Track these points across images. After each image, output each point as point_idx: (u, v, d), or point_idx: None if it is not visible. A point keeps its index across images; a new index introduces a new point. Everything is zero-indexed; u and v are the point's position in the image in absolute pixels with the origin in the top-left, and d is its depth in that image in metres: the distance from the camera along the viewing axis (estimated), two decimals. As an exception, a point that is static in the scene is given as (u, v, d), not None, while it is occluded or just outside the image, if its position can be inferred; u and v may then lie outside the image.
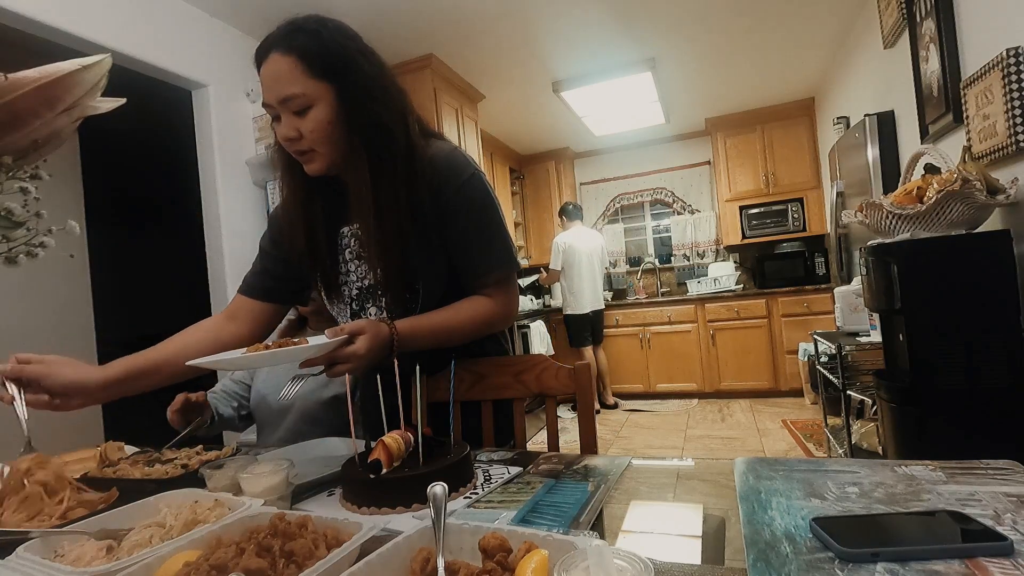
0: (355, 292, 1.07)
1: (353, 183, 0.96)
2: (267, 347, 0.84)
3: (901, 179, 1.82)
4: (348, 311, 1.09)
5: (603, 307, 4.81)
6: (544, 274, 4.91)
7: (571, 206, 4.78)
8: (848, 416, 2.31)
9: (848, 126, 3.45)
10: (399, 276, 0.98)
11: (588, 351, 4.62)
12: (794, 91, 4.50)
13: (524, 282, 5.32)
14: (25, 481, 0.74)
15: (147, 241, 3.78)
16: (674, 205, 5.54)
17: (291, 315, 1.58)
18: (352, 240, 1.05)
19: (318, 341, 0.82)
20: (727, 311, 4.72)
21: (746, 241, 4.96)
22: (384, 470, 0.72)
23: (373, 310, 1.06)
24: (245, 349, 0.86)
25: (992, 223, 1.61)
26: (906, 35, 2.34)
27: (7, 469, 0.95)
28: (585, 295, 4.57)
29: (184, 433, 1.18)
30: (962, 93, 1.84)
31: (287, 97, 0.90)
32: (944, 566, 0.44)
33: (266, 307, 1.10)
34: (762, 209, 4.86)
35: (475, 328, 1.01)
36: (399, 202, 0.95)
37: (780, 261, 4.90)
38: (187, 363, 0.84)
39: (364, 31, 1.00)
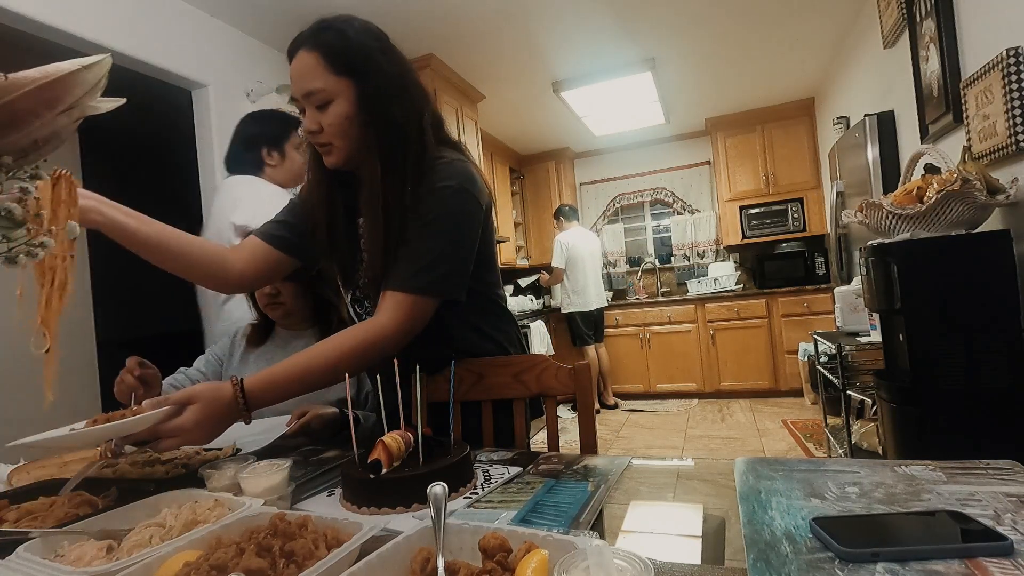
0: (363, 281, 1.08)
1: (365, 178, 0.99)
2: (95, 422, 0.76)
3: (901, 179, 1.82)
4: (350, 297, 1.12)
5: (606, 305, 4.83)
6: (545, 275, 4.91)
7: (567, 207, 4.80)
8: (848, 416, 2.31)
9: (848, 126, 3.45)
10: None
11: (591, 349, 4.63)
12: (794, 91, 4.50)
13: (524, 282, 5.33)
14: None
15: (147, 241, 3.77)
16: (674, 205, 5.54)
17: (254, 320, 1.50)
18: (364, 232, 1.06)
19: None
20: (727, 311, 4.72)
21: (746, 241, 4.95)
22: (384, 470, 0.72)
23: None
24: (71, 426, 0.78)
25: (992, 223, 1.61)
26: (906, 35, 2.34)
27: (7, 474, 0.96)
28: (591, 292, 4.59)
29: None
30: (962, 93, 1.84)
31: (310, 92, 0.94)
32: (944, 566, 0.44)
33: (269, 251, 1.10)
34: (762, 209, 4.86)
35: (355, 359, 0.92)
36: (404, 202, 0.95)
37: (780, 261, 4.90)
38: (7, 445, 0.75)
39: (364, 31, 1.00)
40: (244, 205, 1.72)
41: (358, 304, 1.12)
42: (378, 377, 0.87)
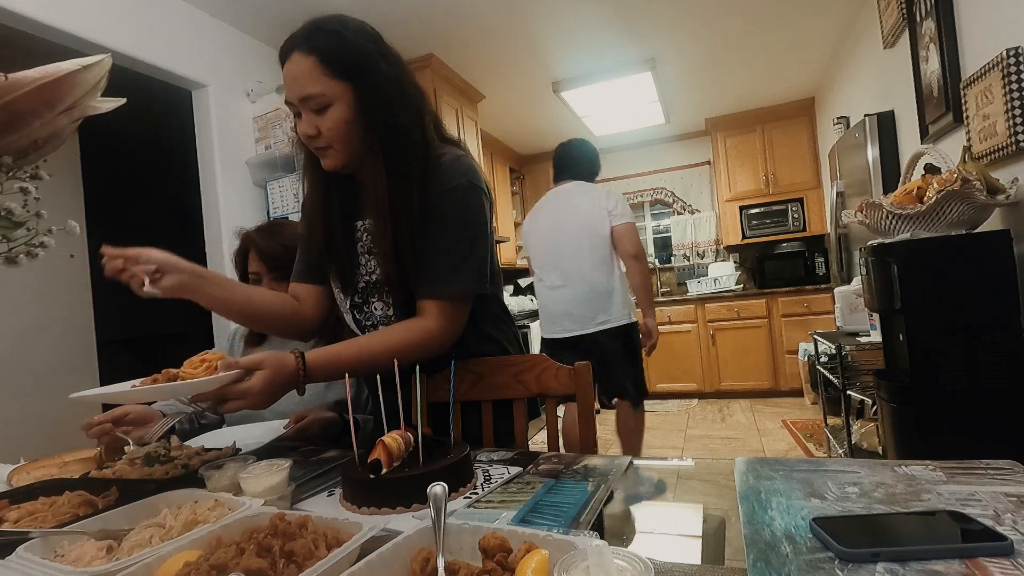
0: (362, 285, 1.08)
1: (369, 181, 0.98)
2: (155, 380, 0.79)
3: (901, 179, 1.82)
4: (349, 303, 1.11)
5: None
6: None
7: None
8: (848, 416, 2.31)
9: (848, 126, 3.45)
10: (405, 275, 0.99)
11: None
12: (794, 91, 4.49)
13: (524, 282, 5.32)
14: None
15: (147, 241, 3.78)
16: (674, 205, 5.53)
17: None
18: (364, 235, 1.06)
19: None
20: (727, 311, 4.72)
21: (746, 241, 4.95)
22: (384, 470, 0.72)
23: (379, 304, 1.07)
24: (136, 381, 0.82)
25: (992, 223, 1.61)
26: (906, 35, 2.34)
27: (7, 474, 0.96)
28: None
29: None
30: (962, 93, 1.84)
31: (307, 96, 0.92)
32: (944, 566, 0.44)
33: (318, 289, 1.12)
34: (762, 209, 4.86)
35: (405, 353, 0.93)
36: (412, 203, 0.95)
37: (780, 261, 4.90)
38: (70, 396, 0.79)
39: (364, 31, 0.99)
40: (612, 198, 2.57)
41: (357, 310, 1.10)
42: (378, 377, 0.87)
